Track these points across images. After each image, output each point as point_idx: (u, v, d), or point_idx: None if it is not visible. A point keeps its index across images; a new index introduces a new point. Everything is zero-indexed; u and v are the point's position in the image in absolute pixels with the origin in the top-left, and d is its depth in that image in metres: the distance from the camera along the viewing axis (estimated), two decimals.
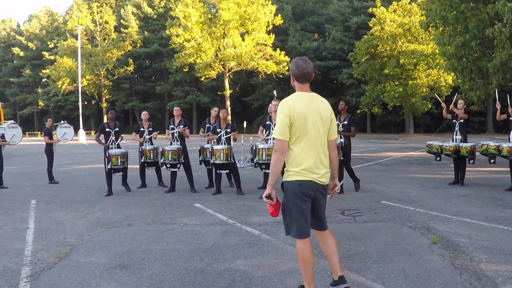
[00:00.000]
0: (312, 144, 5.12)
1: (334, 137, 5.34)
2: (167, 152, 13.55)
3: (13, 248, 7.87)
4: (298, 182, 5.10)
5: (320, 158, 5.17)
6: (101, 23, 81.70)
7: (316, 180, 5.13)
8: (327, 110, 5.27)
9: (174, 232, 8.74)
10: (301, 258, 5.23)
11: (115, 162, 13.44)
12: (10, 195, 13.91)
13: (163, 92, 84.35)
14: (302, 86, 5.24)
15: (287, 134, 5.05)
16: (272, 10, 62.51)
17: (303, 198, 5.12)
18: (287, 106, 5.07)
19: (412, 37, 56.62)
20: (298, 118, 5.04)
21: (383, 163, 22.26)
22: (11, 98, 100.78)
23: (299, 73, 5.20)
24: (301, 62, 5.23)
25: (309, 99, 5.18)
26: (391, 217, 9.70)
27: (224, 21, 60.75)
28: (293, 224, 5.20)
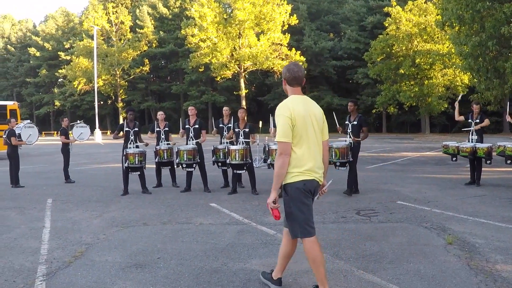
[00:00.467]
0: (312, 145, 5.22)
1: (326, 138, 5.47)
2: (182, 152, 13.49)
3: (29, 247, 7.93)
4: (304, 182, 5.16)
5: (318, 159, 5.30)
6: (117, 23, 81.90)
7: (317, 179, 5.27)
8: (320, 112, 5.40)
9: (190, 232, 8.76)
10: (311, 258, 5.24)
11: (133, 161, 13.33)
12: (27, 194, 14.00)
13: (179, 92, 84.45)
14: (294, 89, 5.35)
15: (290, 136, 5.10)
16: (288, 9, 62.41)
17: (308, 196, 5.23)
18: (288, 109, 5.11)
19: (428, 37, 56.36)
20: (298, 120, 5.11)
21: (398, 163, 22.19)
22: (27, 98, 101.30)
23: (290, 76, 5.29)
24: (293, 66, 5.34)
25: (305, 102, 5.29)
26: (406, 218, 9.68)
27: (240, 21, 60.71)
28: (299, 224, 5.24)
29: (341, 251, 7.30)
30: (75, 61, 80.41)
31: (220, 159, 13.84)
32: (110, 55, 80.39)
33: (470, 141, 14.26)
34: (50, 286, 6.03)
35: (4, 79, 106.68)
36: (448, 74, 55.83)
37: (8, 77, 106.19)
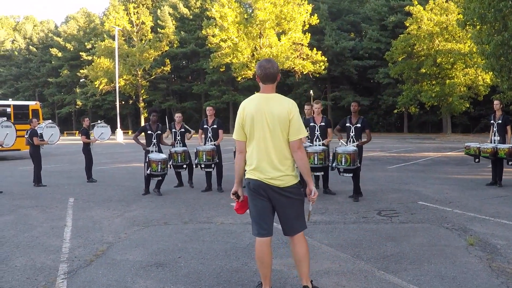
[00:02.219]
0: (260, 145, 5.16)
1: (293, 138, 5.14)
2: (201, 153, 13.47)
3: (51, 245, 7.99)
4: (248, 181, 5.27)
5: (271, 159, 5.14)
6: (138, 23, 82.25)
7: (265, 180, 5.15)
8: (282, 110, 5.12)
9: (211, 231, 8.79)
10: (256, 256, 5.35)
11: (155, 168, 13.04)
12: (49, 193, 14.11)
13: (200, 92, 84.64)
14: (265, 87, 5.28)
15: (241, 134, 5.30)
16: (308, 9, 62.36)
17: (254, 196, 5.23)
18: (240, 108, 5.28)
19: (449, 36, 56.00)
20: (247, 120, 5.19)
21: (420, 163, 22.07)
22: (49, 98, 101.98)
23: (261, 73, 5.24)
24: (265, 63, 5.26)
25: (264, 100, 5.19)
26: (428, 218, 9.63)
27: (260, 21, 60.77)
28: (252, 220, 5.37)
29: (362, 251, 7.28)
30: (96, 62, 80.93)
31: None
32: (131, 55, 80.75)
33: (492, 142, 14.15)
34: (71, 284, 6.09)
35: (27, 80, 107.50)
36: (469, 74, 55.43)
37: (30, 78, 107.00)
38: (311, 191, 5.30)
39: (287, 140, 5.15)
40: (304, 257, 5.28)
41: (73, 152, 33.89)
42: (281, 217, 5.29)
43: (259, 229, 5.26)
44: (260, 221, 5.24)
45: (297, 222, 5.28)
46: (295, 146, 5.15)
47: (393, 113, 65.90)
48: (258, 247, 5.26)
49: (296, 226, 5.29)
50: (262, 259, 5.26)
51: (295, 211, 5.25)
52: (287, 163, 5.17)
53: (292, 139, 5.14)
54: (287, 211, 5.23)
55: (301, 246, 5.28)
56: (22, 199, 13.19)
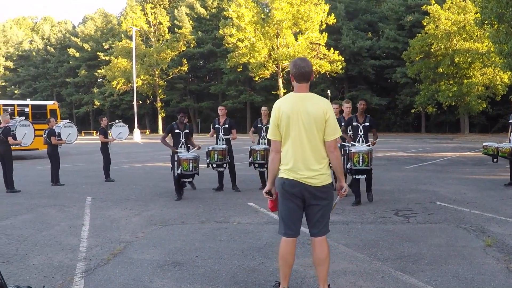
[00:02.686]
0: (296, 145, 5.12)
1: (329, 138, 5.13)
2: (213, 153, 13.42)
3: (69, 244, 8.04)
4: (283, 180, 5.19)
5: (307, 159, 5.11)
6: (155, 24, 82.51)
7: (301, 180, 5.10)
8: (318, 110, 5.10)
9: (228, 231, 8.80)
10: (280, 255, 5.34)
11: (186, 167, 12.19)
12: (66, 193, 14.19)
13: (217, 92, 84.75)
14: (299, 86, 5.22)
15: (276, 134, 5.22)
16: (325, 9, 62.21)
17: (287, 197, 5.18)
18: (274, 108, 5.22)
19: (467, 35, 55.71)
20: (282, 119, 5.13)
21: (437, 163, 21.99)
22: (67, 98, 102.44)
23: (296, 72, 5.17)
24: (299, 61, 5.21)
25: (299, 100, 5.16)
26: (445, 219, 9.59)
27: (277, 20, 60.72)
28: (280, 220, 5.33)
29: (379, 252, 7.27)
30: (114, 62, 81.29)
31: (257, 160, 13.84)
32: (148, 55, 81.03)
33: (510, 142, 14.05)
34: (88, 283, 6.12)
35: (44, 80, 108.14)
36: (487, 73, 55.17)
37: (48, 78, 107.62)
38: (342, 187, 5.33)
39: (323, 140, 5.14)
40: (325, 261, 5.27)
41: (90, 151, 34.06)
42: (310, 218, 5.26)
43: (287, 229, 5.26)
44: (289, 222, 5.23)
45: (323, 224, 5.26)
46: (331, 146, 5.15)
47: (410, 113, 65.70)
48: (283, 247, 5.28)
49: (321, 228, 5.27)
50: (286, 258, 5.28)
51: (323, 212, 5.24)
52: (323, 162, 5.17)
53: (329, 139, 5.14)
54: (316, 212, 5.20)
55: (323, 250, 5.26)
56: (40, 198, 13.28)
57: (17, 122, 23.47)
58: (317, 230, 5.25)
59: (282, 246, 5.29)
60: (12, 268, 6.77)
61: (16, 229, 9.33)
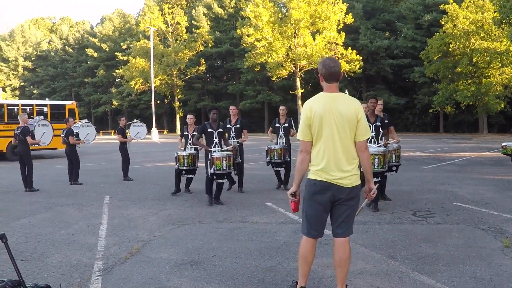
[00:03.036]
0: (328, 145, 5.06)
1: (362, 138, 5.14)
2: None
3: (87, 243, 8.12)
4: (314, 181, 5.15)
5: (339, 159, 5.07)
6: (173, 24, 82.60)
7: (332, 181, 5.06)
8: (350, 110, 5.09)
9: (245, 230, 8.83)
10: (300, 253, 5.33)
11: (220, 166, 11.56)
12: (85, 192, 14.30)
13: (235, 92, 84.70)
14: (329, 86, 5.19)
15: (307, 135, 5.15)
16: (343, 8, 62.02)
17: (316, 198, 5.14)
18: (306, 108, 5.16)
19: (485, 34, 55.28)
20: (315, 119, 5.06)
21: (456, 163, 21.88)
22: (85, 97, 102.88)
23: (326, 72, 5.15)
24: (329, 61, 5.19)
25: (331, 100, 5.11)
26: (463, 219, 9.55)
27: (295, 20, 60.60)
28: (305, 220, 5.28)
29: (397, 252, 7.25)
30: (132, 62, 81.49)
31: (274, 159, 13.79)
32: (166, 55, 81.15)
33: None
34: (106, 281, 6.17)
35: (63, 80, 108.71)
36: (506, 73, 54.73)
37: (67, 78, 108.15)
38: (372, 189, 5.35)
39: (354, 140, 5.13)
40: (345, 263, 5.25)
41: (108, 151, 34.25)
42: (336, 218, 5.24)
43: (311, 230, 5.25)
44: (314, 223, 5.22)
45: (348, 225, 5.24)
46: (362, 146, 5.16)
47: (428, 112, 65.24)
48: (304, 245, 5.27)
49: (346, 229, 5.24)
50: (306, 257, 5.27)
51: (350, 213, 5.21)
52: (354, 163, 5.15)
53: (360, 139, 5.14)
54: (343, 212, 5.18)
55: (345, 251, 5.23)
56: (59, 197, 13.39)
57: (35, 122, 23.64)
58: (342, 231, 5.22)
59: (303, 245, 5.28)
60: (30, 266, 6.83)
61: (35, 227, 9.42)
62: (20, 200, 12.98)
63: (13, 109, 28.51)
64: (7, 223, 9.92)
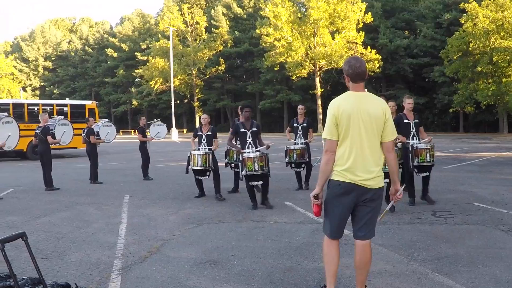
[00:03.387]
0: (355, 145, 4.95)
1: (389, 138, 5.08)
2: (232, 152, 13.08)
3: (106, 241, 8.17)
4: (338, 183, 5.03)
5: (366, 160, 4.98)
6: (192, 24, 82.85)
7: (358, 182, 4.96)
8: (378, 110, 5.01)
9: (264, 230, 8.83)
10: (325, 254, 5.25)
11: (251, 167, 10.84)
12: (105, 191, 14.39)
13: (254, 91, 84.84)
14: (356, 86, 5.09)
15: (335, 134, 4.99)
16: (362, 7, 61.95)
17: (341, 199, 5.04)
18: (333, 106, 5.02)
19: (506, 33, 54.81)
20: (342, 118, 4.94)
21: (476, 163, 21.75)
22: (105, 97, 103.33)
23: (353, 72, 5.04)
24: (354, 61, 5.06)
25: (358, 99, 5.01)
26: (483, 220, 9.49)
27: (314, 19, 60.59)
28: (327, 221, 5.19)
29: (416, 252, 7.23)
30: (151, 62, 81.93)
31: (293, 160, 13.68)
32: (186, 55, 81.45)
33: None
34: (125, 280, 6.20)
35: (83, 79, 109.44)
36: None
37: (87, 77, 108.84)
38: (398, 190, 5.27)
39: (380, 141, 5.08)
40: (366, 266, 5.20)
41: (128, 150, 34.42)
42: (358, 220, 5.15)
43: (334, 231, 5.17)
44: (338, 225, 5.15)
45: (370, 227, 5.17)
46: (389, 147, 5.11)
47: (448, 112, 64.85)
48: (329, 247, 5.20)
49: (369, 231, 5.17)
50: (333, 257, 5.19)
51: (372, 215, 5.15)
52: (380, 164, 5.08)
53: (388, 140, 5.08)
54: (366, 214, 5.10)
55: (366, 254, 5.17)
56: (79, 196, 13.48)
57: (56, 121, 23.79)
58: (363, 233, 5.15)
59: (327, 247, 5.22)
60: (50, 264, 6.88)
61: (55, 226, 9.49)
62: (41, 199, 13.08)
63: (33, 108, 28.76)
64: (28, 222, 10.01)
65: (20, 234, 4.37)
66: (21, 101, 35.76)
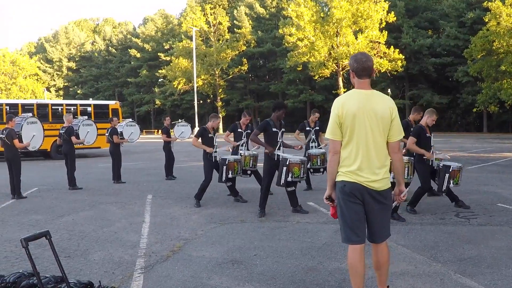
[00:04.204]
0: (361, 146, 4.80)
1: (395, 138, 4.91)
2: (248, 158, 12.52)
3: (129, 241, 8.24)
4: (344, 183, 4.88)
5: (372, 161, 4.82)
6: (215, 24, 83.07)
7: (364, 183, 4.81)
8: (385, 109, 4.85)
9: (287, 230, 8.85)
10: (349, 265, 5.02)
11: (298, 173, 10.29)
12: (128, 190, 14.49)
13: (277, 91, 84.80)
14: (362, 82, 4.91)
15: (338, 134, 4.87)
16: (385, 7, 61.65)
17: (349, 200, 4.86)
18: (337, 105, 4.87)
19: None
20: (347, 118, 4.79)
21: (499, 163, 21.59)
22: (128, 97, 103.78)
23: (359, 67, 4.87)
24: (360, 56, 4.94)
25: (364, 98, 4.85)
26: (507, 221, 9.43)
27: (337, 19, 60.41)
28: (341, 226, 5.02)
29: (439, 253, 7.20)
30: (174, 62, 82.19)
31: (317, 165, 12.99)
32: (209, 55, 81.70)
33: None
34: (147, 279, 6.25)
35: (107, 80, 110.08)
36: None
37: (110, 78, 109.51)
38: (402, 191, 5.18)
39: (386, 141, 4.92)
40: (385, 265, 5.09)
41: (152, 150, 34.59)
42: (371, 223, 4.97)
43: (352, 235, 4.90)
44: (354, 227, 4.89)
45: (384, 228, 5.02)
46: (396, 147, 4.96)
47: (472, 112, 64.34)
48: (351, 255, 4.95)
49: (383, 233, 5.03)
50: (356, 268, 4.91)
51: (384, 217, 5.01)
52: (386, 165, 4.91)
53: (394, 140, 4.92)
54: (378, 217, 4.94)
55: (383, 255, 5.06)
56: (102, 195, 13.60)
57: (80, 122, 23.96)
58: (378, 235, 5.01)
59: (350, 255, 4.97)
60: (73, 263, 6.96)
61: (78, 225, 9.58)
62: (64, 198, 13.19)
63: (57, 109, 29.00)
64: (51, 221, 10.11)
65: (43, 233, 4.42)
66: (45, 101, 36.05)
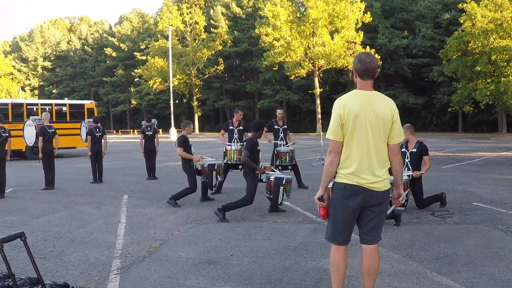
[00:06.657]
0: (362, 147, 4.76)
1: (395, 141, 4.88)
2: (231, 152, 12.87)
3: (105, 241, 8.19)
4: (344, 185, 4.84)
5: (372, 163, 4.78)
6: (191, 23, 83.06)
7: (364, 185, 4.77)
8: (386, 111, 4.81)
9: (263, 230, 8.84)
10: (331, 262, 5.06)
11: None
12: (103, 190, 14.42)
13: (253, 91, 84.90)
14: (364, 83, 4.89)
15: (340, 134, 4.80)
16: (361, 7, 61.99)
17: (346, 202, 4.84)
18: (339, 105, 4.82)
19: (504, 33, 54.77)
20: (348, 118, 4.74)
21: (474, 163, 21.75)
22: (104, 97, 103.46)
23: (362, 68, 4.84)
24: (365, 56, 4.89)
25: (366, 99, 4.81)
26: (482, 219, 9.50)
27: (313, 19, 60.64)
28: (330, 225, 5.02)
29: (415, 252, 7.24)
30: (150, 61, 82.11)
31: (286, 163, 13.48)
32: (185, 55, 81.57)
33: None
34: (124, 280, 6.22)
35: (82, 79, 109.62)
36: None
37: (86, 77, 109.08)
38: (401, 195, 5.16)
39: (386, 143, 4.88)
40: (375, 271, 5.04)
41: (127, 150, 34.38)
42: (365, 224, 4.97)
43: (338, 236, 4.95)
44: (342, 229, 4.92)
45: (377, 231, 5.01)
46: (396, 150, 4.92)
47: (447, 112, 64.82)
48: (334, 254, 5.01)
49: (376, 235, 5.01)
50: (338, 266, 4.98)
51: (380, 219, 4.99)
52: (386, 166, 4.89)
53: (394, 142, 4.89)
54: (373, 218, 4.93)
55: (374, 259, 5.01)
56: (77, 195, 13.51)
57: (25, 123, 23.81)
58: (371, 237, 4.99)
59: (333, 253, 5.02)
60: (49, 264, 6.90)
61: (53, 226, 9.51)
62: (39, 198, 13.09)
63: (32, 108, 28.77)
64: (26, 221, 10.02)
65: (18, 234, 4.37)
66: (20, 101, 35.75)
